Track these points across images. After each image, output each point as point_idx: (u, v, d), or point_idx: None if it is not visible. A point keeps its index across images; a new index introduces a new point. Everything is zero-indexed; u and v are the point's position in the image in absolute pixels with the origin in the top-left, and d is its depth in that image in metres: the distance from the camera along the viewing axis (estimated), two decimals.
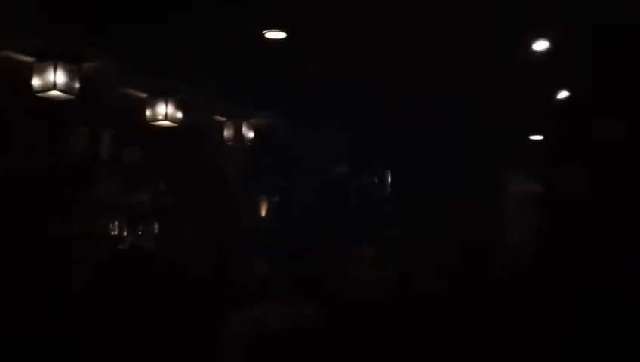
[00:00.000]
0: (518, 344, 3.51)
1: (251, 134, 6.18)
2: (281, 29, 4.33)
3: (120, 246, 5.76)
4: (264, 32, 4.34)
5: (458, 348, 3.20)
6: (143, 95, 5.33)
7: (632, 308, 4.10)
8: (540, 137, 7.57)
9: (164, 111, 5.21)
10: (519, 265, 6.30)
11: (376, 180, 7.55)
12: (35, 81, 4.35)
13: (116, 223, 5.89)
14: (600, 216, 6.72)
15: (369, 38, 4.46)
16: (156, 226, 6.07)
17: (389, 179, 7.62)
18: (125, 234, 5.95)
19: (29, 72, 4.37)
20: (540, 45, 4.61)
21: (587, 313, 4.14)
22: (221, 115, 6.12)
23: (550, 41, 4.54)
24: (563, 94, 5.96)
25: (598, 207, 6.89)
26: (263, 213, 6.65)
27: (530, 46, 4.62)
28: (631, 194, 6.57)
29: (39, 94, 4.39)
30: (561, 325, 3.84)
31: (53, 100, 4.50)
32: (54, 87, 4.29)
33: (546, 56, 4.77)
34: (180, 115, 5.28)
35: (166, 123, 5.26)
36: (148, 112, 5.28)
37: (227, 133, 6.12)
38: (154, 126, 5.35)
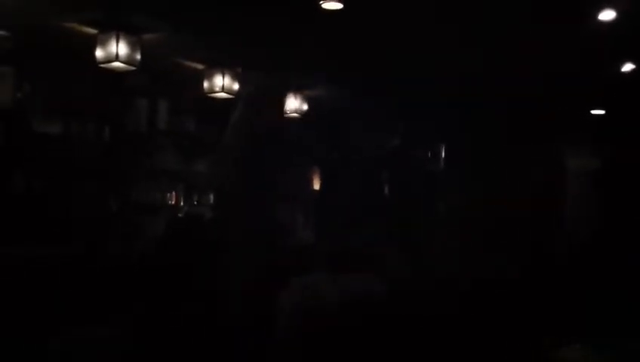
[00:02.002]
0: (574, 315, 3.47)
1: (306, 106, 6.19)
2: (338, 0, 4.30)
3: (178, 215, 5.91)
4: (320, 2, 4.32)
5: (514, 320, 3.18)
6: (201, 67, 5.40)
7: None
8: (602, 112, 7.31)
9: (221, 83, 5.26)
10: (578, 242, 6.20)
11: (430, 154, 7.46)
12: (98, 52, 4.46)
13: (173, 193, 6.06)
14: None
15: (425, 10, 4.39)
16: (211, 196, 6.19)
17: (444, 154, 7.53)
18: (182, 203, 6.12)
19: (92, 43, 4.49)
20: (606, 15, 4.43)
21: None
22: (276, 87, 6.13)
23: (616, 11, 4.37)
24: (628, 67, 5.72)
25: None
26: (317, 185, 6.69)
27: (595, 16, 4.45)
28: None
29: (102, 65, 4.50)
30: (620, 297, 3.76)
31: (115, 71, 4.60)
32: (117, 58, 4.39)
33: (611, 27, 4.59)
34: (236, 86, 5.33)
35: (223, 95, 5.32)
36: (205, 84, 5.35)
37: (286, 105, 6.14)
38: (211, 97, 5.43)
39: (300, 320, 2.84)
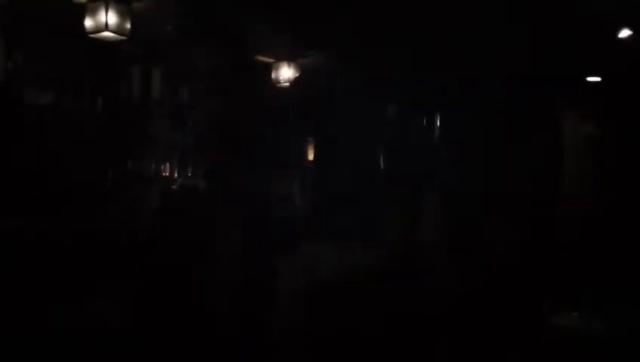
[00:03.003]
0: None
1: (299, 75, 6.11)
2: None
3: (172, 187, 5.88)
4: None
5: (521, 290, 3.19)
6: (193, 35, 5.30)
7: None
8: (598, 78, 7.24)
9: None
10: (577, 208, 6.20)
11: (424, 123, 7.41)
12: (88, 22, 4.36)
13: (167, 164, 6.01)
14: None
15: None
16: (205, 167, 6.16)
17: (438, 122, 7.47)
18: (176, 175, 6.07)
19: (81, 12, 4.39)
20: None
21: None
22: (270, 56, 6.05)
23: None
24: (625, 33, 5.64)
25: None
26: (311, 157, 6.65)
27: None
28: None
29: (91, 35, 4.41)
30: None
31: (105, 41, 4.52)
32: (106, 27, 4.30)
33: None
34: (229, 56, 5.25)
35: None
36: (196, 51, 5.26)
37: (276, 73, 6.07)
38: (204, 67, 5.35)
39: (302, 289, 2.84)
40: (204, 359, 3.43)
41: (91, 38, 4.44)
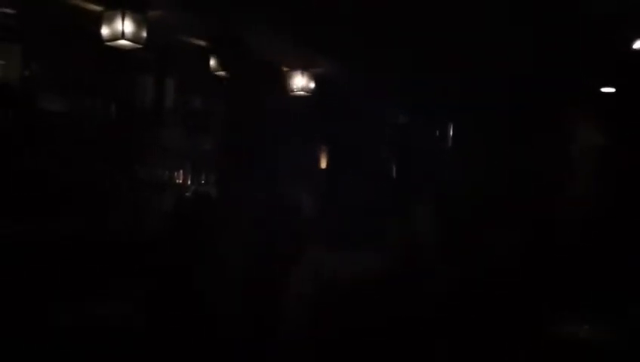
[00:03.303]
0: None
1: (312, 84, 6.16)
2: None
3: (186, 194, 5.92)
4: None
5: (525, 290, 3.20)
6: (207, 43, 5.37)
7: None
8: (611, 89, 7.23)
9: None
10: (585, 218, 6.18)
11: (437, 133, 7.43)
12: (104, 30, 4.43)
13: (180, 171, 6.06)
14: None
15: None
16: (218, 174, 6.20)
17: (451, 132, 7.49)
18: (189, 182, 6.12)
19: (98, 20, 4.47)
20: None
21: None
22: (285, 65, 6.11)
23: None
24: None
25: None
26: (324, 163, 6.69)
27: None
28: None
29: (108, 43, 4.48)
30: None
31: (121, 49, 4.59)
32: (123, 36, 4.36)
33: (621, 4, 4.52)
34: (242, 63, 5.30)
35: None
36: (211, 61, 5.33)
37: (290, 82, 6.12)
38: (217, 75, 5.41)
39: (309, 295, 2.86)
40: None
41: (107, 45, 4.51)
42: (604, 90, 7.14)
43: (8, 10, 4.55)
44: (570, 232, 5.97)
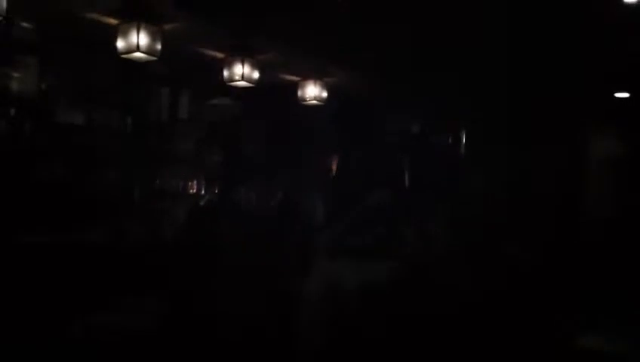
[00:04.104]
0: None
1: (325, 93, 6.18)
2: None
3: (199, 203, 5.96)
4: None
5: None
6: (221, 55, 5.41)
7: None
8: (626, 95, 7.19)
9: (241, 72, 5.27)
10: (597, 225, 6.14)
11: (450, 140, 7.43)
12: (120, 43, 4.48)
13: (194, 181, 6.11)
14: None
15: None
16: (231, 184, 6.23)
17: (464, 139, 7.48)
18: (203, 191, 6.17)
19: (113, 32, 4.52)
20: None
21: None
22: (296, 74, 6.14)
23: None
24: None
25: None
26: (336, 172, 6.70)
27: None
28: None
29: (124, 56, 4.52)
30: None
31: (136, 61, 4.63)
32: (138, 48, 4.40)
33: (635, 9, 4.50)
34: (256, 75, 5.33)
35: (242, 83, 5.33)
36: (225, 73, 5.35)
37: (302, 92, 6.14)
38: (231, 86, 5.44)
39: (326, 306, 2.87)
40: None
41: (123, 58, 4.56)
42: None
43: (25, 25, 4.63)
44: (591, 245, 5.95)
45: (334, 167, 6.50)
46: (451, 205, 5.18)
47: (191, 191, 6.05)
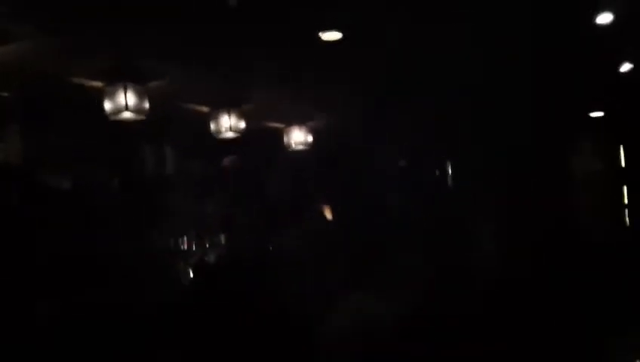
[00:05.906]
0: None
1: (310, 138, 6.21)
2: (337, 30, 4.34)
3: (190, 261, 5.87)
4: (320, 33, 4.36)
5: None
6: (206, 109, 5.42)
7: None
8: (601, 114, 7.37)
9: (228, 123, 5.27)
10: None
11: (437, 173, 7.48)
12: (107, 105, 4.45)
13: (185, 237, 6.03)
14: None
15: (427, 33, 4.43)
16: (223, 238, 6.17)
17: (450, 171, 7.53)
18: (194, 247, 6.08)
19: (99, 94, 4.50)
20: (604, 18, 4.50)
21: None
22: (281, 121, 6.18)
23: (614, 13, 4.43)
24: (627, 67, 5.77)
25: None
26: (330, 215, 6.67)
27: (593, 19, 4.51)
28: None
29: (112, 117, 4.50)
30: None
31: (124, 121, 4.61)
32: (126, 108, 4.39)
33: (609, 29, 4.65)
34: (243, 125, 5.34)
35: (230, 134, 5.33)
36: (212, 126, 5.35)
37: (288, 138, 6.17)
38: (218, 138, 5.44)
39: (351, 341, 2.83)
40: None
41: (110, 119, 4.53)
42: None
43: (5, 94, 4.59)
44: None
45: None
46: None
47: (183, 247, 5.97)
